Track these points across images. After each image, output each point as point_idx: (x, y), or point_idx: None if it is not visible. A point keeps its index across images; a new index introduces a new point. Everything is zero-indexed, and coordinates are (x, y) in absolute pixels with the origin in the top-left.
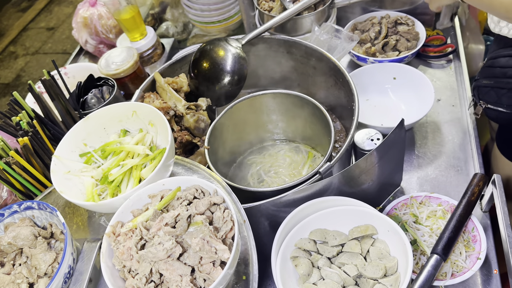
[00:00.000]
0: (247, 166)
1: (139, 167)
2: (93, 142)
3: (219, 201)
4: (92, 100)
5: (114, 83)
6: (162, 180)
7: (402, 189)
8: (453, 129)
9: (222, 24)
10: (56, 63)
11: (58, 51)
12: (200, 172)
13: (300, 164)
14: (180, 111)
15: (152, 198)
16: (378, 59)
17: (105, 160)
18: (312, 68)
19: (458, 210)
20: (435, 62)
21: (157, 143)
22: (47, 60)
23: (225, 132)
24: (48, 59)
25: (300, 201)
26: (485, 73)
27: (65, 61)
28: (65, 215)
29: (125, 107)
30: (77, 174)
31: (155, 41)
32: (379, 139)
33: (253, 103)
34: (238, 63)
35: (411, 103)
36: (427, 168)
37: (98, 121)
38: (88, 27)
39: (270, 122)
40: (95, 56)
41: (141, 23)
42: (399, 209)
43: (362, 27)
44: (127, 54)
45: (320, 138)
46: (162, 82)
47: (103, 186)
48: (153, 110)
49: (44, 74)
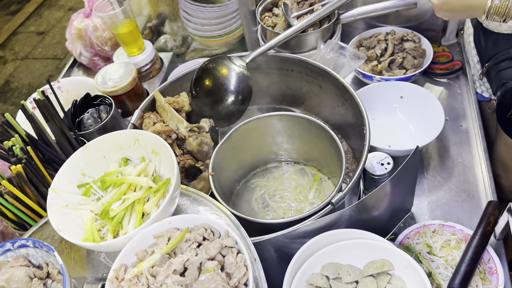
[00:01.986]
0: (251, 190)
1: (142, 201)
2: (92, 172)
3: (231, 243)
4: (89, 120)
5: (111, 101)
6: (169, 219)
7: (412, 214)
8: (462, 151)
9: (223, 38)
10: (49, 80)
11: (49, 56)
12: (206, 204)
13: (306, 187)
14: (182, 134)
15: (158, 238)
16: (385, 78)
17: (105, 191)
18: (318, 87)
19: (473, 241)
20: (442, 80)
21: (160, 172)
22: (37, 66)
23: (228, 155)
24: (38, 64)
25: (311, 233)
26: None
27: (56, 66)
28: (62, 249)
29: (127, 135)
30: (75, 208)
31: (154, 55)
32: (389, 163)
33: (258, 125)
34: (242, 82)
35: (419, 124)
36: (438, 193)
37: (98, 149)
38: (82, 38)
39: (275, 144)
40: (89, 68)
41: (139, 37)
42: (411, 238)
43: (367, 43)
44: (125, 71)
45: (327, 159)
46: (162, 101)
47: (103, 221)
48: (157, 139)
49: (34, 82)
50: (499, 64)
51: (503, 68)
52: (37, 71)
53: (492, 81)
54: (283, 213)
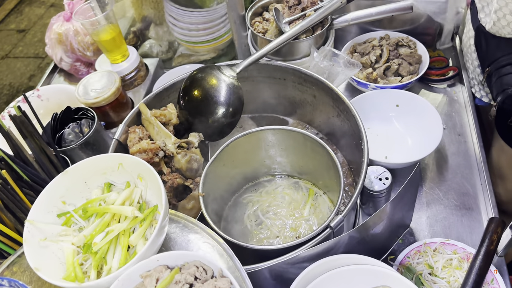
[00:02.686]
0: (243, 206)
1: (127, 232)
2: (73, 199)
3: (226, 285)
4: (70, 135)
5: (94, 115)
6: (157, 256)
7: (411, 230)
8: (460, 162)
9: (211, 44)
10: (31, 79)
11: (30, 55)
12: (197, 232)
13: (300, 203)
14: (170, 151)
15: (145, 278)
16: (380, 86)
17: (87, 221)
18: (312, 96)
19: (476, 262)
20: (438, 86)
21: (147, 198)
22: (18, 65)
23: (219, 172)
24: (19, 63)
25: (310, 258)
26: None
27: (38, 66)
28: (43, 283)
29: (110, 159)
30: (55, 240)
31: (138, 62)
32: (388, 178)
33: (251, 140)
34: (233, 94)
35: (416, 134)
36: (437, 206)
37: (78, 174)
38: (63, 43)
39: (268, 158)
40: (71, 74)
41: (122, 44)
42: (412, 257)
43: (361, 49)
44: (108, 80)
45: (322, 173)
46: (148, 115)
47: (85, 254)
48: (142, 164)
49: (15, 82)
50: (501, 69)
51: (505, 74)
52: (18, 70)
53: (492, 86)
54: (277, 231)
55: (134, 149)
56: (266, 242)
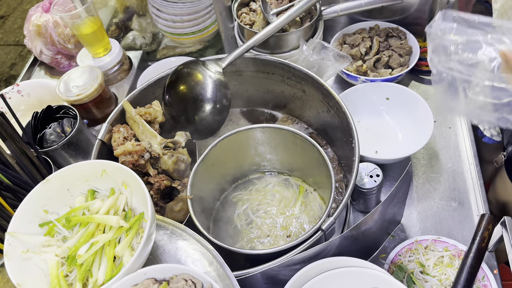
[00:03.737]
0: (232, 205)
1: (112, 243)
2: (55, 207)
3: None
4: (52, 136)
5: (76, 113)
6: (144, 270)
7: (402, 226)
8: (452, 155)
9: (197, 35)
10: (13, 68)
11: (10, 42)
12: (186, 238)
13: (291, 201)
14: (156, 152)
15: None
16: (370, 78)
17: (71, 230)
18: (301, 91)
19: (468, 260)
20: (428, 78)
21: (132, 205)
22: None
23: (208, 172)
24: None
25: (301, 260)
26: None
27: (19, 54)
28: None
29: (93, 166)
30: (38, 252)
31: (122, 55)
32: (379, 175)
33: (239, 138)
34: (219, 91)
35: (407, 128)
36: (427, 201)
37: (60, 183)
38: (42, 36)
39: (257, 155)
40: (52, 67)
41: (104, 37)
42: (403, 255)
43: (351, 41)
44: (90, 76)
45: (312, 170)
46: (133, 113)
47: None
48: (126, 170)
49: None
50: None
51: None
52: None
53: (503, 133)
54: (268, 230)
55: (118, 151)
56: (257, 241)
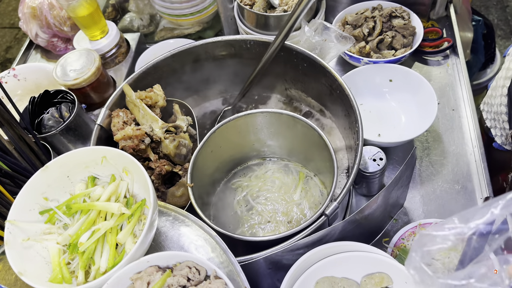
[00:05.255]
0: (232, 191)
1: (114, 230)
2: (55, 194)
3: (221, 287)
4: (50, 121)
5: (74, 98)
6: (147, 257)
7: (405, 209)
8: (455, 138)
9: (195, 17)
10: (8, 51)
11: (5, 25)
12: (188, 224)
13: (291, 187)
14: (157, 136)
15: (135, 281)
16: (373, 60)
17: (72, 217)
18: (303, 75)
19: None
20: (431, 59)
21: (134, 191)
22: None
23: (207, 158)
24: None
25: (305, 245)
26: None
27: (14, 36)
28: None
29: (92, 153)
30: (39, 240)
31: (119, 38)
32: (382, 159)
33: (239, 124)
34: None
35: (410, 111)
36: (430, 184)
37: (60, 170)
38: (37, 18)
39: (257, 141)
40: (48, 51)
41: (101, 19)
42: (406, 239)
43: (353, 21)
44: (87, 59)
45: (313, 155)
46: (133, 97)
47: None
48: (126, 157)
49: None
50: None
51: None
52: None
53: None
54: (269, 216)
55: (118, 136)
56: (258, 227)
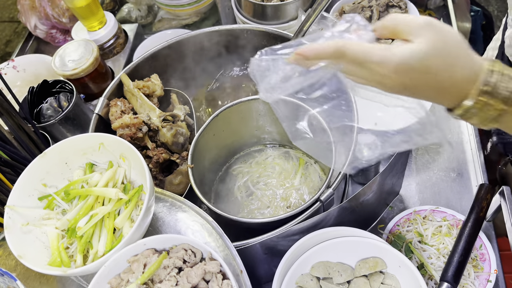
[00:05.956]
0: (233, 177)
1: (112, 215)
2: (54, 181)
3: (216, 269)
4: (49, 110)
5: (72, 88)
6: (143, 240)
7: (401, 197)
8: (451, 126)
9: (193, 7)
10: (8, 45)
11: (5, 19)
12: (185, 210)
13: (291, 173)
14: (155, 125)
15: (132, 263)
16: None
17: (70, 203)
18: None
19: (466, 229)
20: None
21: (131, 178)
22: None
23: (208, 143)
24: None
25: (300, 231)
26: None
27: (14, 30)
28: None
29: (90, 139)
30: (38, 225)
31: (117, 29)
32: None
33: (240, 110)
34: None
35: (406, 97)
36: (426, 172)
37: (58, 156)
38: (36, 10)
39: (258, 128)
40: (47, 42)
41: (99, 10)
42: (401, 225)
43: (350, 10)
44: (85, 49)
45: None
46: (131, 86)
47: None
48: (123, 143)
49: None
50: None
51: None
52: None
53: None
54: (268, 201)
55: (116, 124)
56: (257, 212)
